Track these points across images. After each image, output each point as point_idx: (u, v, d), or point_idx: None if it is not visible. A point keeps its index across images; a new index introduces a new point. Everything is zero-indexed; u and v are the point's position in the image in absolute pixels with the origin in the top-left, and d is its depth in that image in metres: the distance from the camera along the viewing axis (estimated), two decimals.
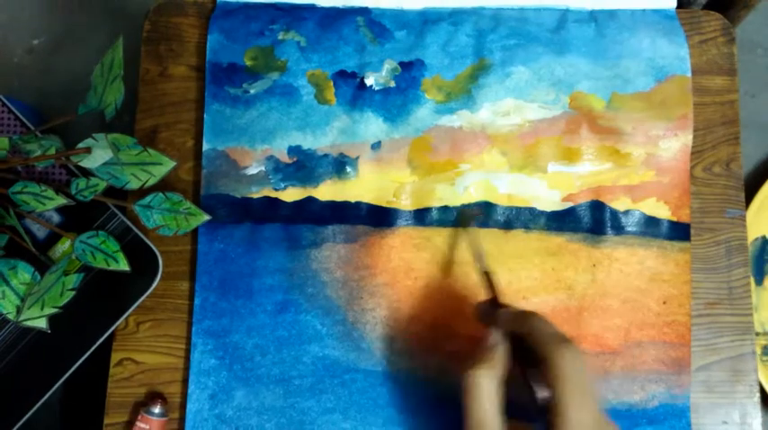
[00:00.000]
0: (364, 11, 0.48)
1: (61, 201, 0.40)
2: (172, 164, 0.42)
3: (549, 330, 0.34)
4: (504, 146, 0.46)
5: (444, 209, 0.45)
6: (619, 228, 0.45)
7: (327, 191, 0.45)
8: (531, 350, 0.34)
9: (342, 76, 0.46)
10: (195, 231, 0.45)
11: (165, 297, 0.44)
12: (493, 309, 0.38)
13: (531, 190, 0.45)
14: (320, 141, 0.45)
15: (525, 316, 0.36)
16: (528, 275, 0.44)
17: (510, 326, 0.36)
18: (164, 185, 0.44)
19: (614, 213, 0.45)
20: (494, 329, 0.36)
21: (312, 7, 0.48)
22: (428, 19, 0.47)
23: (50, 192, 0.39)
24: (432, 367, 0.43)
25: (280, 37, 0.47)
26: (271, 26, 0.47)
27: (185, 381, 0.43)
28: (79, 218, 0.43)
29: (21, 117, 0.44)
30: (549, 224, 0.45)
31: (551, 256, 0.44)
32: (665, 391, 0.43)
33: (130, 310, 0.42)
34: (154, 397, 0.42)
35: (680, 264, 0.44)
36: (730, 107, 0.47)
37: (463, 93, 0.46)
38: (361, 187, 0.45)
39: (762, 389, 0.47)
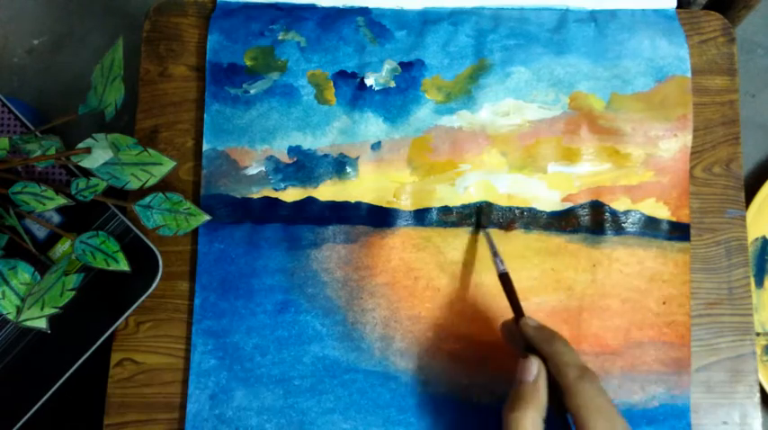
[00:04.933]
0: (364, 11, 0.48)
1: (61, 201, 0.40)
2: (172, 164, 0.42)
3: (571, 359, 0.35)
4: (503, 146, 0.46)
5: (444, 209, 0.45)
6: (618, 229, 0.45)
7: (327, 191, 0.45)
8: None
9: (342, 76, 0.46)
10: (195, 231, 0.45)
11: (165, 297, 0.44)
12: (516, 324, 0.39)
13: (530, 190, 0.45)
14: (320, 141, 0.45)
15: (549, 337, 0.37)
16: (528, 275, 0.44)
17: (533, 341, 0.37)
18: (164, 185, 0.44)
19: (614, 213, 0.45)
20: (533, 359, 0.36)
21: (312, 7, 0.48)
22: (428, 19, 0.47)
23: (50, 193, 0.39)
24: (432, 367, 0.43)
25: (280, 37, 0.47)
26: (271, 26, 0.47)
27: (185, 382, 0.43)
28: (79, 218, 0.43)
29: (21, 117, 0.44)
30: (548, 224, 0.45)
31: (551, 257, 0.44)
32: (665, 392, 0.43)
33: (130, 311, 0.42)
34: None
35: (679, 264, 0.44)
36: (730, 107, 0.47)
37: (463, 93, 0.46)
38: (361, 187, 0.45)
39: (762, 390, 0.47)
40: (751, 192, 0.51)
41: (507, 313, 0.43)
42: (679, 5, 0.48)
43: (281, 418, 0.42)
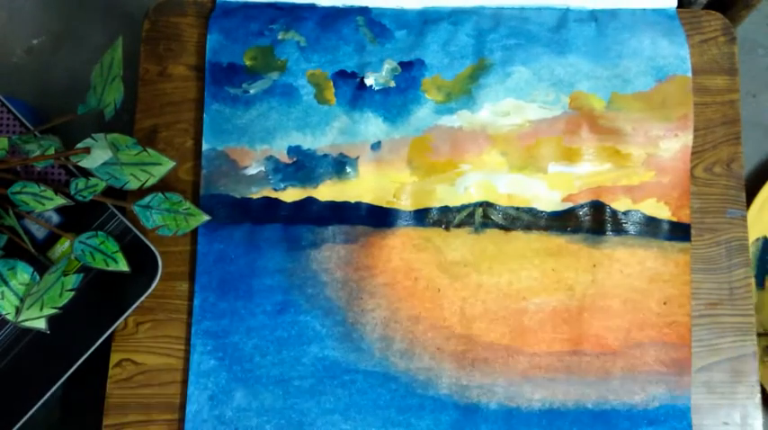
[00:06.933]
0: (364, 10, 0.47)
1: (60, 201, 0.39)
2: (171, 164, 0.42)
3: None
4: (504, 146, 0.45)
5: (444, 209, 0.45)
6: (619, 229, 0.44)
7: (327, 191, 0.45)
8: None
9: (342, 75, 0.46)
10: (195, 232, 0.45)
11: (164, 297, 0.44)
12: None
13: (531, 190, 0.45)
14: (320, 141, 0.45)
15: None
16: (528, 276, 0.44)
17: None
18: (163, 185, 0.44)
19: (614, 213, 0.45)
20: None
21: (312, 7, 0.48)
22: (428, 19, 0.47)
23: (50, 193, 0.39)
24: (432, 368, 0.43)
25: (279, 37, 0.47)
26: (270, 26, 0.47)
27: (185, 382, 0.43)
28: (78, 218, 0.43)
29: (20, 117, 0.44)
30: (549, 224, 0.45)
31: (552, 257, 0.44)
32: (666, 392, 0.43)
33: (130, 311, 0.42)
34: None
35: (680, 264, 0.44)
36: (731, 107, 0.47)
37: (463, 93, 0.46)
38: (360, 187, 0.45)
39: (763, 390, 0.47)
40: (752, 192, 0.51)
41: (507, 313, 0.43)
42: (680, 5, 0.48)
43: (280, 419, 0.42)
